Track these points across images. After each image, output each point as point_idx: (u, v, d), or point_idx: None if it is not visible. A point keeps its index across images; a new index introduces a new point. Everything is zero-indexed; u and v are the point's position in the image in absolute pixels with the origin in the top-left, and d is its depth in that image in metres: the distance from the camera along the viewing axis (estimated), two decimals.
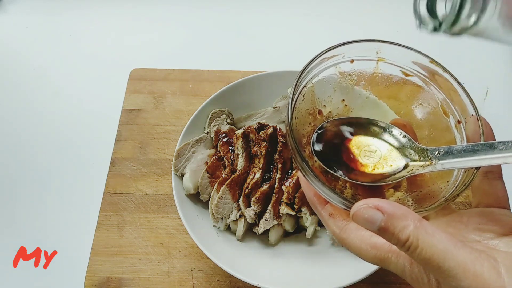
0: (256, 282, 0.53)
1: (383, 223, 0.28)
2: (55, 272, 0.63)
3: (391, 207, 0.28)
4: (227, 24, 0.93)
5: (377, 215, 0.28)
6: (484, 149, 0.31)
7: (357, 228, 0.33)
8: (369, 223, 0.28)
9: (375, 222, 0.28)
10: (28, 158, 0.74)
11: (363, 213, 0.28)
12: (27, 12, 0.95)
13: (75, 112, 0.79)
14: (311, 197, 0.36)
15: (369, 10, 0.95)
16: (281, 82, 0.68)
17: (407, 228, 0.27)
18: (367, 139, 0.38)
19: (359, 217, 0.29)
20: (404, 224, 0.27)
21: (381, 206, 0.28)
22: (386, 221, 0.28)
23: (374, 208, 0.28)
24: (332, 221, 0.35)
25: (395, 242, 0.28)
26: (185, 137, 0.64)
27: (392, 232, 0.28)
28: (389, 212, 0.28)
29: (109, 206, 0.66)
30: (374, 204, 0.28)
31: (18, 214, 0.68)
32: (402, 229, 0.27)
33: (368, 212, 0.28)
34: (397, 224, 0.28)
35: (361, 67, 0.40)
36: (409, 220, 0.28)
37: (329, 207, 0.35)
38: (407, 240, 0.27)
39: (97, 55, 0.87)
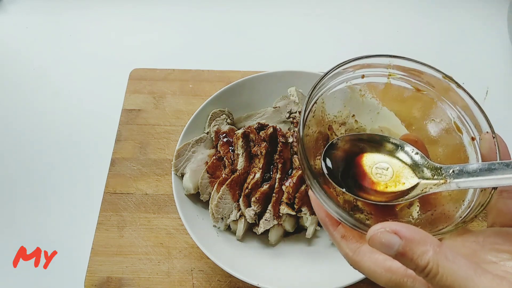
0: (256, 282, 0.53)
1: (401, 248, 0.27)
2: (55, 272, 0.63)
3: (409, 231, 0.27)
4: (227, 24, 0.93)
5: (394, 240, 0.27)
6: (501, 168, 0.30)
7: (371, 251, 0.32)
8: (386, 248, 0.28)
9: (392, 247, 0.27)
10: (28, 158, 0.74)
11: (380, 237, 0.28)
12: (27, 12, 0.95)
13: (75, 112, 0.79)
14: (322, 218, 0.35)
15: (369, 10, 0.95)
16: (281, 82, 0.68)
17: (426, 253, 0.27)
18: (378, 156, 0.37)
19: (376, 242, 0.28)
20: (423, 250, 0.27)
21: (398, 230, 0.27)
22: (404, 246, 0.27)
23: (391, 232, 0.27)
24: (345, 243, 0.34)
25: (413, 268, 0.27)
26: (185, 137, 0.64)
27: (411, 258, 0.27)
28: (407, 236, 0.27)
29: (109, 206, 0.66)
30: (391, 228, 0.28)
31: (18, 214, 0.68)
32: (421, 255, 0.27)
33: (385, 236, 0.28)
34: (416, 250, 0.27)
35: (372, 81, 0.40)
36: (428, 245, 0.27)
37: (341, 228, 0.34)
38: (426, 266, 0.26)
39: (97, 55, 0.87)
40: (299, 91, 0.68)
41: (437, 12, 0.94)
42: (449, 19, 0.92)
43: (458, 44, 0.88)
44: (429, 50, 0.86)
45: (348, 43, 0.89)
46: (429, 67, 0.37)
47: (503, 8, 0.90)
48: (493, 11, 0.93)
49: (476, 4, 0.94)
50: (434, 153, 0.38)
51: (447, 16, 0.93)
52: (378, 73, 0.39)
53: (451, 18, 0.93)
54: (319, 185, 0.32)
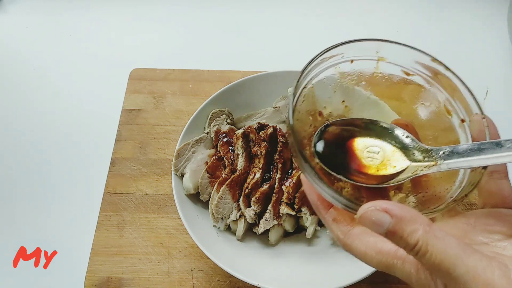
0: (256, 282, 0.53)
1: (391, 226, 0.27)
2: (55, 272, 0.63)
3: (400, 210, 0.27)
4: (227, 24, 0.93)
5: (385, 218, 0.27)
6: (491, 148, 0.30)
7: (362, 233, 0.32)
8: (376, 226, 0.28)
9: (383, 225, 0.27)
10: (28, 158, 0.74)
11: (370, 215, 0.28)
12: (27, 12, 0.95)
13: (75, 112, 0.79)
14: (314, 201, 0.35)
15: (369, 10, 0.95)
16: (281, 82, 0.68)
17: (416, 232, 0.27)
18: (369, 140, 0.37)
19: (367, 220, 0.28)
20: (413, 228, 0.27)
21: (389, 209, 0.27)
22: (395, 225, 0.27)
23: (382, 210, 0.27)
24: (336, 226, 0.34)
25: (403, 246, 0.27)
26: (185, 137, 0.64)
27: (401, 236, 0.27)
28: (397, 215, 0.27)
29: (109, 206, 0.66)
30: (382, 207, 0.28)
31: (18, 214, 0.68)
32: (411, 233, 0.27)
33: (376, 214, 0.27)
34: (406, 228, 0.27)
35: (361, 67, 0.40)
36: (418, 223, 0.27)
37: (333, 211, 0.34)
38: (416, 244, 0.26)
39: (97, 55, 0.87)
40: None
41: (437, 12, 0.94)
42: (449, 19, 0.92)
43: (458, 44, 0.88)
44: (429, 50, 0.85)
45: None
46: (417, 50, 0.37)
47: (503, 8, 0.90)
48: (493, 11, 0.93)
49: (476, 4, 0.94)
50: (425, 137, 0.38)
51: (447, 16, 0.93)
52: (367, 57, 0.39)
53: (451, 18, 0.93)
54: (310, 166, 0.32)
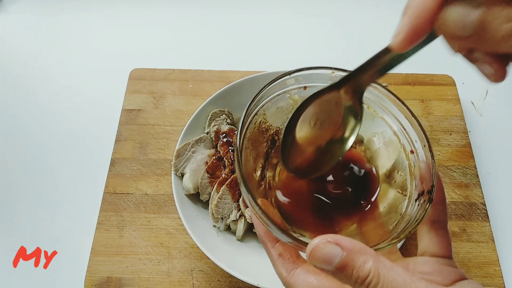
0: (256, 282, 0.53)
1: (342, 260, 0.26)
2: (55, 272, 0.63)
3: (350, 242, 0.27)
4: (227, 24, 0.93)
5: (336, 251, 0.26)
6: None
7: (306, 273, 0.31)
8: (327, 260, 0.27)
9: (334, 258, 0.26)
10: (28, 158, 0.74)
11: (322, 248, 0.27)
12: (27, 12, 0.95)
13: (75, 112, 0.79)
14: (261, 234, 0.35)
15: (369, 10, 0.95)
16: None
17: (367, 263, 0.26)
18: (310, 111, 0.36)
19: (318, 253, 0.27)
20: (363, 259, 0.26)
21: (339, 241, 0.27)
22: (346, 257, 0.26)
23: (333, 243, 0.27)
24: (281, 262, 0.33)
25: (354, 281, 0.27)
26: (185, 137, 0.64)
27: (352, 268, 0.26)
28: (348, 246, 0.26)
29: (109, 206, 0.66)
30: (333, 239, 0.27)
31: (18, 214, 0.68)
32: (362, 264, 0.26)
33: (328, 247, 0.27)
34: (357, 259, 0.26)
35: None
36: (367, 254, 0.26)
37: (279, 246, 0.34)
38: (367, 275, 0.26)
39: (97, 55, 0.87)
40: None
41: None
42: None
43: None
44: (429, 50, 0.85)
45: (348, 43, 0.89)
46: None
47: None
48: None
49: None
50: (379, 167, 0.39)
51: None
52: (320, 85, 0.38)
53: None
54: (254, 202, 0.31)
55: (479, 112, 0.78)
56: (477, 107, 0.78)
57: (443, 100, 0.76)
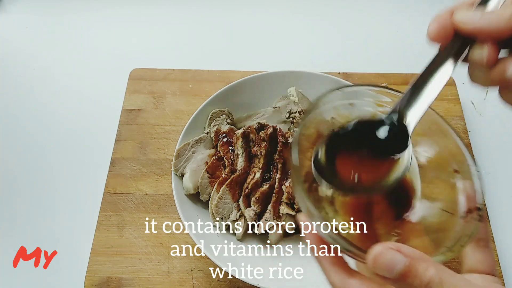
0: (256, 282, 0.53)
1: (405, 266, 0.26)
2: (55, 272, 0.62)
3: (410, 249, 0.27)
4: (227, 24, 0.93)
5: (398, 257, 0.26)
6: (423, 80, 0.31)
7: (360, 283, 0.31)
8: (389, 268, 0.26)
9: (396, 265, 0.26)
10: (28, 158, 0.74)
11: (385, 255, 0.26)
12: (27, 12, 0.95)
13: (75, 112, 0.79)
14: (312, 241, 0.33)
15: (369, 10, 0.95)
16: (281, 82, 0.68)
17: (428, 269, 0.26)
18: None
19: (381, 260, 0.26)
20: (425, 266, 0.26)
21: (400, 247, 0.26)
22: (409, 264, 0.26)
23: (396, 249, 0.26)
24: (334, 272, 0.32)
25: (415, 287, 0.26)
26: (185, 137, 0.64)
27: (415, 275, 0.26)
28: (409, 254, 0.26)
29: (109, 206, 0.66)
30: (394, 246, 0.27)
31: (18, 214, 0.68)
32: (424, 271, 0.26)
33: (390, 254, 0.26)
34: (419, 266, 0.26)
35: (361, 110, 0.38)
36: (428, 261, 0.26)
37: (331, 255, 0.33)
38: (429, 282, 0.26)
39: (97, 55, 0.87)
40: (299, 91, 0.68)
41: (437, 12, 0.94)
42: None
43: None
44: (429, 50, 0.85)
45: (349, 43, 0.89)
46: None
47: None
48: None
49: None
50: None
51: None
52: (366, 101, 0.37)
53: None
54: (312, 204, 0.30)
55: (479, 112, 0.78)
56: (477, 107, 0.78)
57: (443, 100, 0.76)
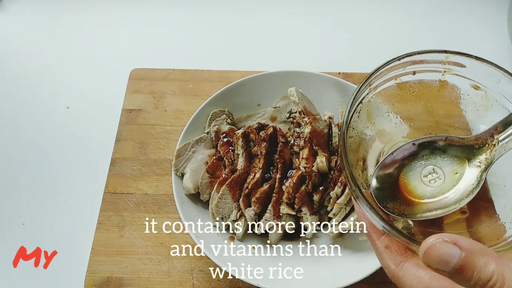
0: (256, 282, 0.53)
1: (461, 261, 0.24)
2: (55, 272, 0.62)
3: (468, 242, 0.25)
4: (227, 24, 0.93)
5: (454, 251, 0.25)
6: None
7: (417, 267, 0.29)
8: (443, 261, 0.25)
9: (451, 260, 0.25)
10: (28, 158, 0.74)
11: (439, 248, 0.25)
12: (27, 12, 0.95)
13: (75, 112, 0.79)
14: (366, 226, 0.33)
15: (369, 10, 0.95)
16: (281, 82, 0.68)
17: (489, 265, 0.24)
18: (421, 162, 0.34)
19: (433, 254, 0.25)
20: (485, 261, 0.24)
21: (457, 240, 0.25)
22: (465, 258, 0.24)
23: (451, 242, 0.25)
24: (388, 254, 0.31)
25: (474, 283, 0.25)
26: (185, 137, 0.64)
27: (473, 270, 0.24)
28: (467, 247, 0.25)
29: (109, 206, 0.66)
30: (450, 238, 0.25)
31: (18, 214, 0.68)
32: (484, 266, 0.24)
33: (445, 247, 0.25)
34: (478, 261, 0.24)
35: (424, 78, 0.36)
36: (489, 256, 0.25)
37: (386, 238, 0.32)
38: (490, 278, 0.24)
39: (97, 55, 0.87)
40: (299, 91, 0.68)
41: (436, 12, 0.94)
42: (449, 19, 0.92)
43: (458, 44, 0.87)
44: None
45: (349, 43, 0.89)
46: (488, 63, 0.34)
47: (503, 8, 0.90)
48: (493, 11, 0.93)
49: (476, 4, 0.94)
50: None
51: (447, 16, 0.93)
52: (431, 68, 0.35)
53: (451, 18, 0.92)
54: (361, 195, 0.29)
55: None
56: None
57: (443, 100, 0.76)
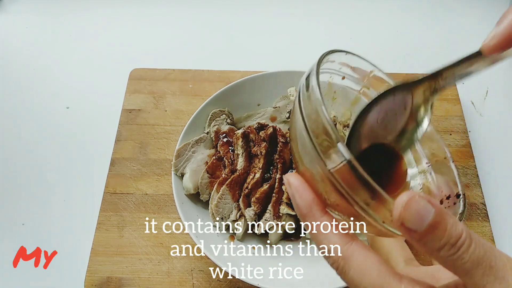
0: (256, 282, 0.53)
1: (435, 216, 0.23)
2: (55, 272, 0.62)
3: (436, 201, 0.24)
4: (227, 24, 0.93)
5: (429, 207, 0.24)
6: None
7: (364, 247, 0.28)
8: (420, 217, 0.24)
9: (428, 215, 0.24)
10: (28, 158, 0.74)
11: (417, 202, 0.24)
12: (27, 12, 0.95)
13: (75, 112, 0.79)
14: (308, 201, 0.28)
15: (369, 10, 0.95)
16: (281, 82, 0.68)
17: (458, 223, 0.24)
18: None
19: (412, 208, 0.24)
20: (454, 220, 0.24)
21: (429, 198, 0.24)
22: (439, 215, 0.24)
23: (427, 199, 0.24)
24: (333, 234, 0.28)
25: (444, 242, 0.24)
26: (185, 137, 0.64)
27: (445, 227, 0.24)
28: (438, 205, 0.24)
29: (109, 206, 0.66)
30: (425, 195, 0.24)
31: (18, 214, 0.68)
32: (455, 224, 0.24)
33: (422, 202, 0.24)
34: (449, 218, 0.24)
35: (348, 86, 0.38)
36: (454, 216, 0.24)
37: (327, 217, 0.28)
38: (460, 236, 0.24)
39: (97, 55, 0.87)
40: None
41: (436, 13, 0.94)
42: (448, 19, 0.92)
43: (458, 44, 0.88)
44: (429, 50, 0.86)
45: (348, 43, 0.89)
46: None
47: (503, 8, 0.90)
48: (493, 11, 0.93)
49: (476, 4, 0.94)
50: None
51: (447, 16, 0.93)
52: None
53: (451, 18, 0.92)
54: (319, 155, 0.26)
55: (479, 112, 0.78)
56: (477, 107, 0.78)
57: (443, 100, 0.76)
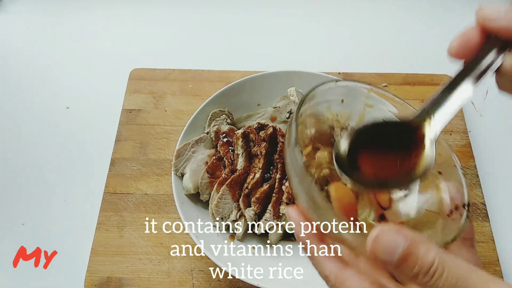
0: (256, 282, 0.53)
1: (406, 248, 0.25)
2: (55, 272, 0.62)
3: (410, 231, 0.26)
4: (227, 24, 0.93)
5: (400, 239, 0.25)
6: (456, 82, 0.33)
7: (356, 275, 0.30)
8: (390, 250, 0.25)
9: (397, 248, 0.25)
10: (28, 158, 0.74)
11: (387, 235, 0.25)
12: (27, 12, 0.95)
13: (75, 112, 0.79)
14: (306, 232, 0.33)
15: (369, 10, 0.95)
16: (281, 82, 0.68)
17: (430, 251, 0.25)
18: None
19: (382, 242, 0.25)
20: (426, 247, 0.25)
21: (401, 230, 0.26)
22: (410, 245, 0.25)
23: (396, 232, 0.25)
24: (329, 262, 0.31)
25: (417, 271, 0.25)
26: (185, 137, 0.64)
27: (416, 257, 0.25)
28: (410, 236, 0.25)
29: (109, 206, 0.66)
30: (394, 227, 0.26)
31: (18, 214, 0.68)
32: (427, 252, 0.25)
33: (392, 235, 0.25)
34: (421, 248, 0.25)
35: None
36: (429, 243, 0.25)
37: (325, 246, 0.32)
38: (432, 265, 0.25)
39: (97, 55, 0.87)
40: (299, 91, 0.68)
41: (436, 13, 0.94)
42: (449, 19, 0.92)
43: None
44: (429, 50, 0.86)
45: (349, 43, 0.89)
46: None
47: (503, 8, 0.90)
48: None
49: (476, 4, 0.94)
50: None
51: (447, 16, 0.93)
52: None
53: (451, 18, 0.92)
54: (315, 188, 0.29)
55: (479, 112, 0.78)
56: (477, 107, 0.78)
57: None
